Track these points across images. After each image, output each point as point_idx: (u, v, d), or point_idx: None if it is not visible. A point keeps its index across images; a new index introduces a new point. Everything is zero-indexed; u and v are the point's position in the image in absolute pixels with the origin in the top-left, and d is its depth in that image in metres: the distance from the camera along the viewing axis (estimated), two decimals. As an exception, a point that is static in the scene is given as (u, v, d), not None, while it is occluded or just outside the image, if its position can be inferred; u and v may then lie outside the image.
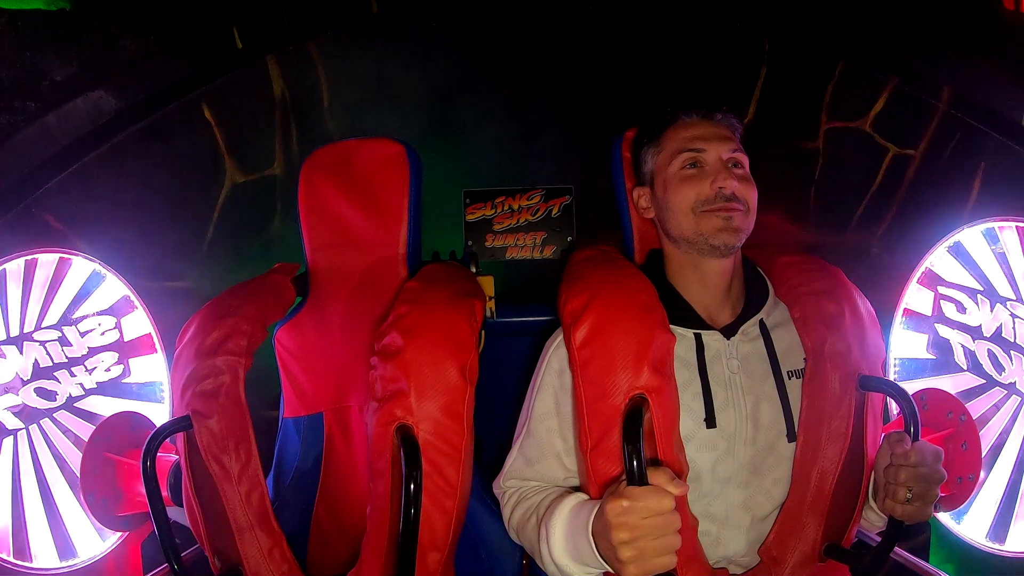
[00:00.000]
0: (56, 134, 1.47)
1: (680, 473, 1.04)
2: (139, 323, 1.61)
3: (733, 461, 1.12)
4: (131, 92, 1.57)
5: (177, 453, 1.22)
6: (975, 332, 1.42)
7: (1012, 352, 1.35)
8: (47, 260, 1.47)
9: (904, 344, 1.56)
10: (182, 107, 1.73)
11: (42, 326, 1.45)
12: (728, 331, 1.17)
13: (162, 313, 1.64)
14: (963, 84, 1.53)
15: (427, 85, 1.97)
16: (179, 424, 1.14)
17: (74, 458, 1.44)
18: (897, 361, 1.57)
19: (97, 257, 1.54)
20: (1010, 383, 1.36)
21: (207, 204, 1.85)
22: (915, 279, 1.54)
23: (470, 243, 1.91)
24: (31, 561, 1.38)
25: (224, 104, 1.81)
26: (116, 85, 1.54)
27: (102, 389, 1.53)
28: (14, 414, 1.39)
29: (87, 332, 1.52)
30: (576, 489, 1.11)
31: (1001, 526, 1.36)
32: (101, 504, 1.41)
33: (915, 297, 1.55)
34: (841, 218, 1.87)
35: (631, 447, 0.92)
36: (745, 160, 1.20)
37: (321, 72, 1.95)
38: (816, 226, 1.93)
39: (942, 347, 1.49)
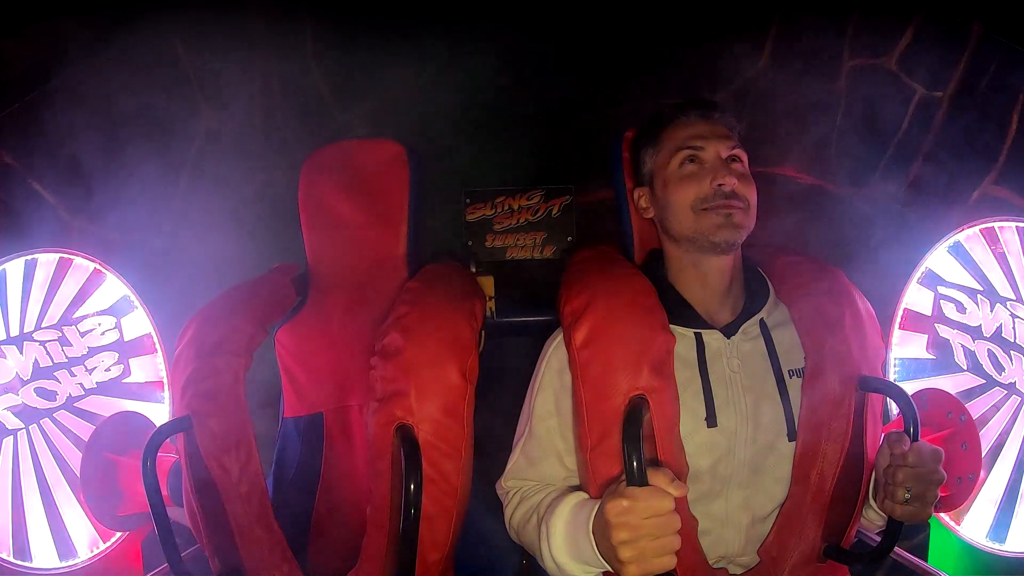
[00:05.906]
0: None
1: (680, 474, 1.04)
2: (139, 323, 1.60)
3: (733, 460, 1.12)
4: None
5: (177, 453, 1.22)
6: (975, 332, 1.42)
7: (1012, 352, 1.35)
8: (47, 260, 1.47)
9: (904, 344, 1.56)
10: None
11: (42, 326, 1.45)
12: (728, 330, 1.17)
13: (162, 313, 1.63)
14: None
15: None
16: (179, 424, 1.14)
17: (74, 458, 1.44)
18: (897, 361, 1.57)
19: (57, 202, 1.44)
20: (1010, 383, 1.36)
21: (180, 147, 1.75)
22: (915, 279, 1.54)
23: (470, 243, 1.91)
24: (31, 561, 1.38)
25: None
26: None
27: (102, 389, 1.53)
28: (14, 414, 1.39)
29: (87, 332, 1.51)
30: (576, 488, 1.11)
31: (1001, 526, 1.36)
32: (101, 504, 1.41)
33: (915, 297, 1.54)
34: (864, 168, 1.79)
35: (631, 448, 0.93)
36: (744, 157, 1.21)
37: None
38: (837, 176, 1.85)
39: (942, 347, 1.49)
